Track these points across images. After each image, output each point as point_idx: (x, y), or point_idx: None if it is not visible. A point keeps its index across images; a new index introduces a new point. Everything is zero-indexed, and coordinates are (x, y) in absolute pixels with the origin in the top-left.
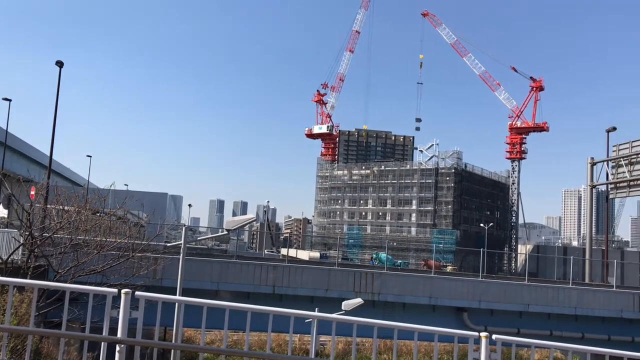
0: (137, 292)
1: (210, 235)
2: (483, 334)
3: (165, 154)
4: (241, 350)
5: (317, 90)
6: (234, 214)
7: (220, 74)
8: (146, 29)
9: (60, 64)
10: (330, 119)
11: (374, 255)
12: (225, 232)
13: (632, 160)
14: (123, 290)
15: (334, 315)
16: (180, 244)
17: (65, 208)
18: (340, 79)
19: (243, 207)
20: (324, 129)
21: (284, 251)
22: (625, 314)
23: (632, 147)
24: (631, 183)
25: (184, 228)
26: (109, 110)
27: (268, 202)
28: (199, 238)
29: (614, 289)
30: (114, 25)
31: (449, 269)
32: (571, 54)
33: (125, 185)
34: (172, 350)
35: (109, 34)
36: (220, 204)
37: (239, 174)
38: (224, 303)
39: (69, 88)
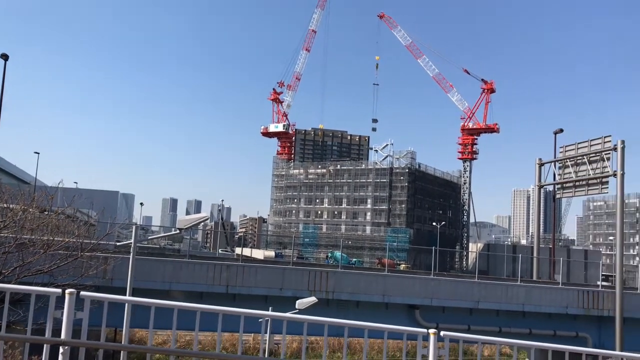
0: (82, 292)
1: (162, 234)
2: (431, 331)
3: (117, 151)
4: (190, 351)
5: (274, 89)
6: (188, 213)
7: (175, 69)
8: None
9: (5, 57)
10: (287, 118)
11: (329, 254)
12: (177, 231)
13: (578, 162)
14: (67, 291)
15: (284, 314)
16: (131, 243)
17: (10, 206)
18: (296, 78)
19: (197, 206)
20: (280, 128)
21: (238, 250)
22: (570, 310)
23: (577, 148)
24: (577, 183)
25: (134, 227)
26: (59, 106)
27: (222, 201)
28: (150, 237)
29: (560, 286)
30: (61, 20)
31: (402, 267)
32: (522, 57)
33: (75, 183)
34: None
35: (55, 27)
36: (174, 202)
37: (193, 172)
38: (172, 303)
39: (16, 84)
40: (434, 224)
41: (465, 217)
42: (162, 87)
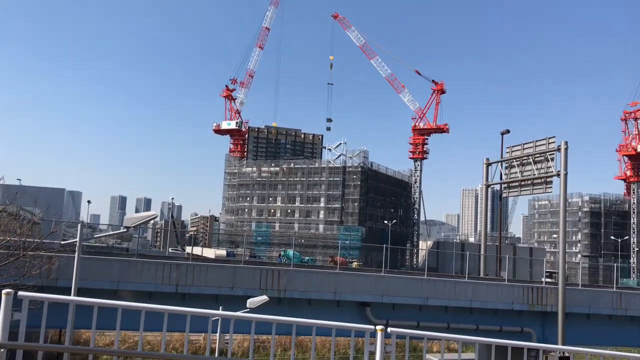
0: (19, 293)
1: (109, 233)
2: (379, 328)
3: (64, 148)
4: (135, 351)
5: (226, 86)
6: (137, 211)
7: (126, 65)
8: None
9: None
10: (239, 115)
11: (282, 253)
12: (125, 230)
13: (524, 162)
14: (4, 291)
15: (232, 313)
16: (76, 241)
17: None
18: (249, 75)
19: (147, 204)
20: (232, 125)
21: (188, 249)
22: (515, 306)
23: (523, 149)
24: (522, 183)
25: (79, 225)
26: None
27: (173, 199)
28: (96, 235)
29: (506, 282)
30: None
31: (354, 264)
32: (472, 59)
33: (18, 180)
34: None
35: None
36: (123, 200)
37: (143, 170)
38: (116, 302)
39: None
40: (385, 222)
41: (415, 215)
42: (110, 84)
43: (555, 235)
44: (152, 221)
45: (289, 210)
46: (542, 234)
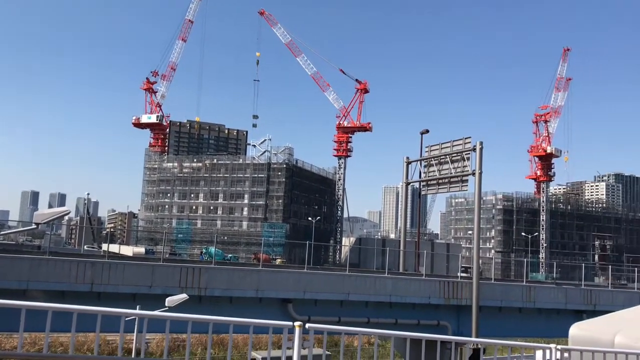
0: None
1: (17, 230)
2: (297, 324)
3: None
4: (39, 353)
5: (147, 78)
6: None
7: (42, 52)
8: None
9: None
10: (161, 109)
11: (204, 250)
12: (34, 226)
13: (441, 161)
14: None
15: (147, 312)
16: None
17: None
18: (172, 68)
19: (61, 200)
20: (153, 119)
21: (105, 247)
22: (432, 300)
23: (441, 148)
24: (440, 181)
25: None
26: None
27: (88, 194)
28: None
29: (424, 277)
30: None
31: (278, 261)
32: (396, 60)
33: None
34: None
35: None
36: (35, 195)
37: (58, 164)
38: (19, 303)
39: None
40: (309, 219)
41: (339, 212)
42: (23, 71)
43: (470, 232)
44: (66, 217)
45: (212, 207)
46: (458, 230)
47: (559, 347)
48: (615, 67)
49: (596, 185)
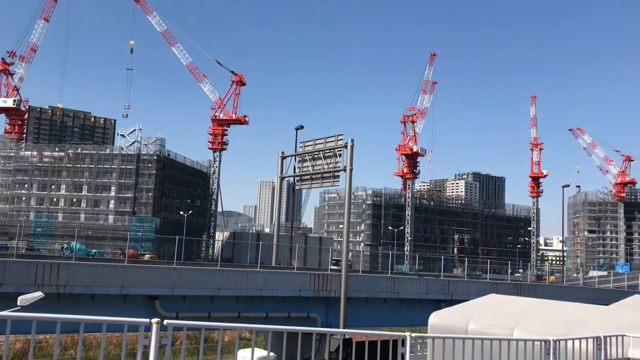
0: None
1: None
2: (154, 320)
3: None
4: None
5: (2, 58)
6: None
7: None
8: None
9: None
10: (18, 93)
11: (65, 245)
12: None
13: (315, 156)
14: None
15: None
16: None
17: None
18: (32, 49)
19: None
20: (9, 103)
21: None
22: (302, 293)
23: (315, 144)
24: (313, 176)
25: None
26: None
27: None
28: None
29: (295, 270)
30: None
31: (147, 257)
32: (274, 55)
33: None
34: None
35: None
36: None
37: None
38: None
39: None
40: (181, 213)
41: (213, 206)
42: None
43: (342, 226)
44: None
45: (75, 200)
46: (331, 224)
47: (413, 335)
48: (476, 74)
49: (456, 183)
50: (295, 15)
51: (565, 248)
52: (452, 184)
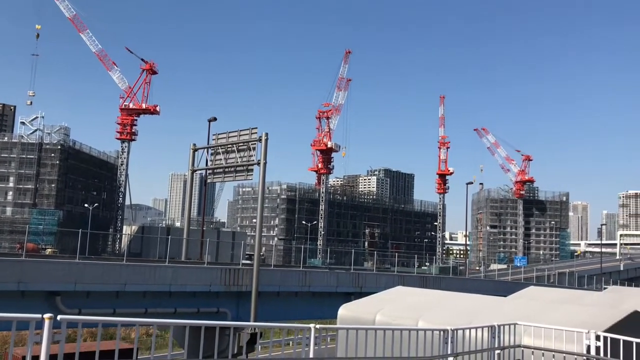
0: None
1: None
2: (46, 316)
3: None
4: None
5: None
6: None
7: None
8: None
9: None
10: None
11: None
12: None
13: (228, 149)
14: None
15: None
16: None
17: None
18: None
19: None
20: None
21: None
22: (213, 288)
23: (228, 137)
24: (226, 169)
25: None
26: None
27: None
28: None
29: (206, 265)
30: None
31: (48, 251)
32: (190, 46)
33: None
34: None
35: None
36: None
37: None
38: None
39: None
40: (86, 205)
41: (121, 199)
42: None
43: (255, 220)
44: None
45: None
46: (245, 218)
47: (317, 326)
48: (389, 73)
49: (368, 179)
50: (212, 8)
51: (468, 242)
52: (365, 179)
